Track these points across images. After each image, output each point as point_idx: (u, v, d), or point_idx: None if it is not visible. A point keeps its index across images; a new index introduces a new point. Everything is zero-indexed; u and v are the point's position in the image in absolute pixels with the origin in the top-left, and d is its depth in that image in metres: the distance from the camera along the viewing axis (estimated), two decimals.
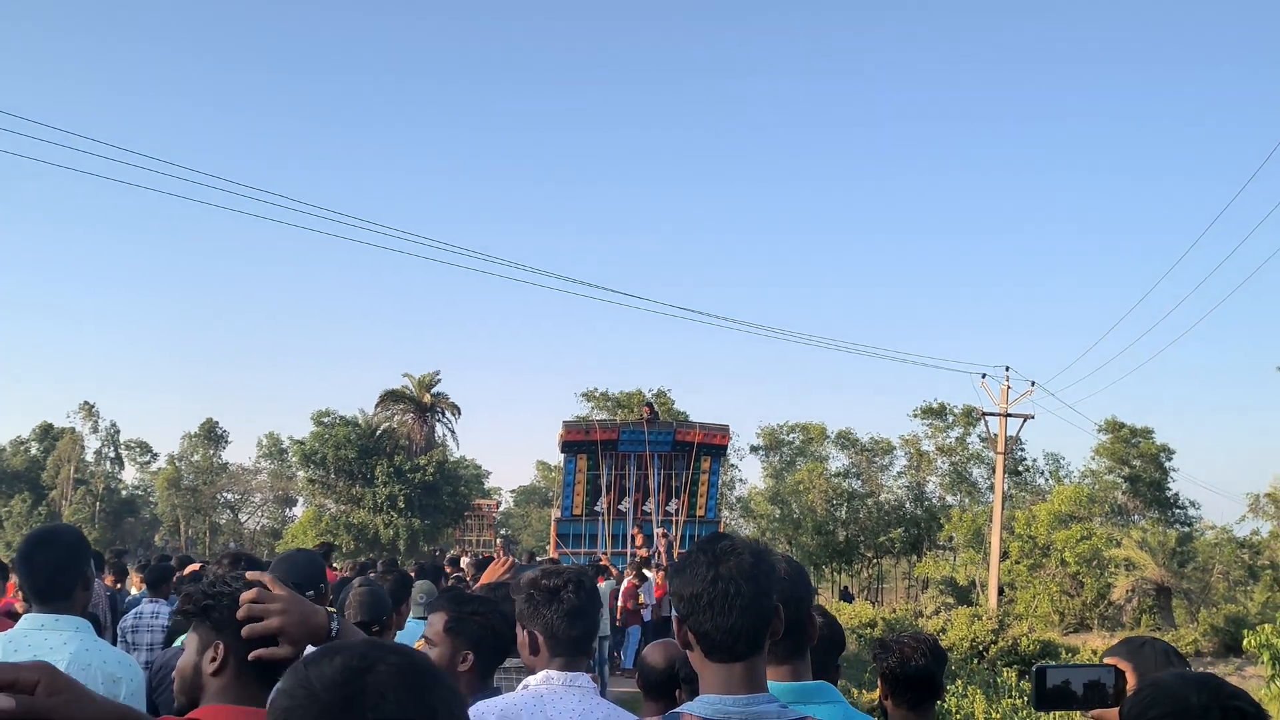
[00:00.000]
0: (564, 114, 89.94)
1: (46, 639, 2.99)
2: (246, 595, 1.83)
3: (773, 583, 1.99)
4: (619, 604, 15.42)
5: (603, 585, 14.94)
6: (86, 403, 60.98)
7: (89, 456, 60.88)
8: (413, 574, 9.69)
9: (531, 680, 2.57)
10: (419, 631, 5.14)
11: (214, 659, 1.89)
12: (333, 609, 1.98)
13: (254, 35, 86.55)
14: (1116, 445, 40.09)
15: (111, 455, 61.74)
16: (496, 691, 3.42)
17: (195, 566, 7.09)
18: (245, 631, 1.82)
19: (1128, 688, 2.10)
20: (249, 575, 1.90)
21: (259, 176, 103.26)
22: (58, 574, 3.05)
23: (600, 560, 18.54)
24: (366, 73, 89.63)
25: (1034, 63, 78.64)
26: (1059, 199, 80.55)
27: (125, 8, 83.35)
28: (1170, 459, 40.17)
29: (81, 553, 3.15)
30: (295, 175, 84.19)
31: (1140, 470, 39.93)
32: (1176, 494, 40.79)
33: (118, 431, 62.20)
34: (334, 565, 13.36)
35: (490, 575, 4.11)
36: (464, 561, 20.50)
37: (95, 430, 61.07)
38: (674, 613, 2.19)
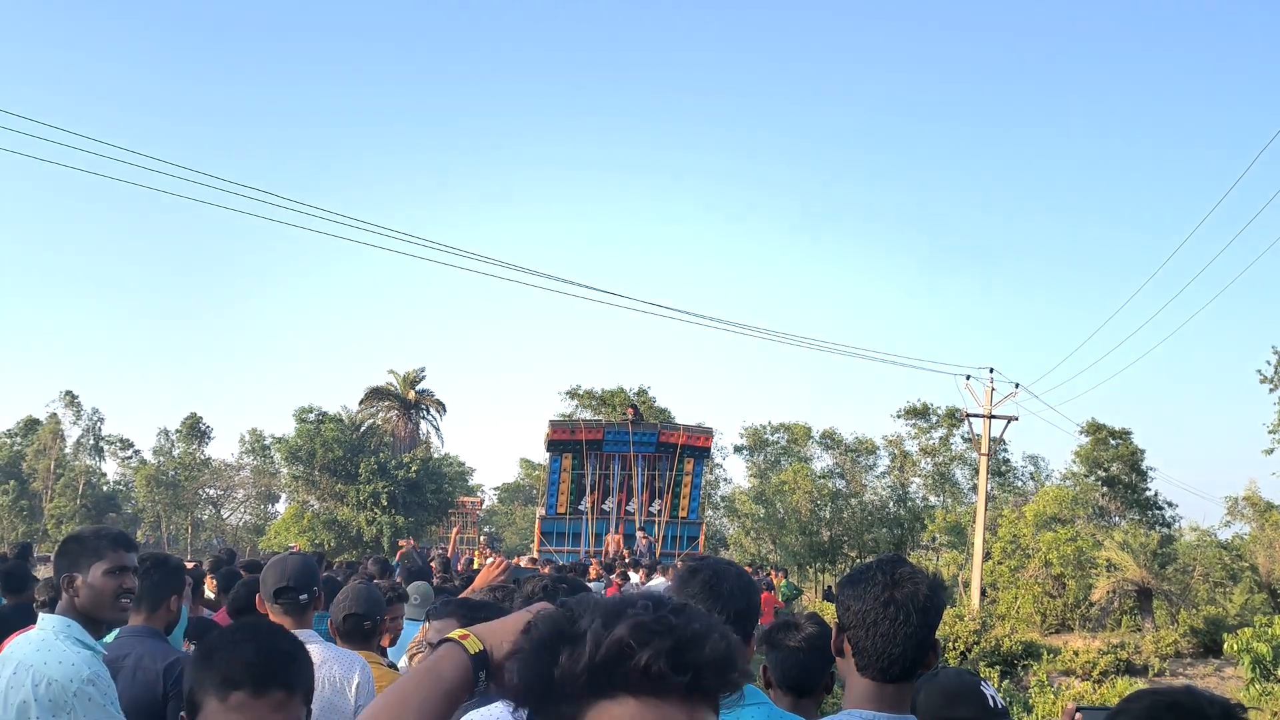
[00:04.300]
0: (548, 110, 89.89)
1: (25, 639, 3.02)
2: None
3: (939, 616, 1.97)
4: None
5: (594, 586, 14.95)
6: (68, 392, 60.17)
7: (69, 447, 60.13)
8: (400, 579, 9.61)
9: None
10: (414, 634, 5.07)
11: None
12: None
13: (239, 30, 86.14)
14: (1094, 448, 40.26)
15: (91, 445, 60.84)
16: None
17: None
18: None
19: None
20: None
21: (245, 172, 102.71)
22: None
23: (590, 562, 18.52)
24: (352, 68, 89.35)
25: (1021, 64, 79.07)
26: (1045, 200, 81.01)
27: (101, 5, 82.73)
28: (1144, 460, 40.38)
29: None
30: (281, 171, 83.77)
31: (1118, 473, 40.11)
32: (1156, 495, 41.02)
33: (101, 420, 61.39)
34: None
35: (486, 577, 4.10)
36: (433, 552, 20.14)
37: (77, 420, 60.25)
38: None
